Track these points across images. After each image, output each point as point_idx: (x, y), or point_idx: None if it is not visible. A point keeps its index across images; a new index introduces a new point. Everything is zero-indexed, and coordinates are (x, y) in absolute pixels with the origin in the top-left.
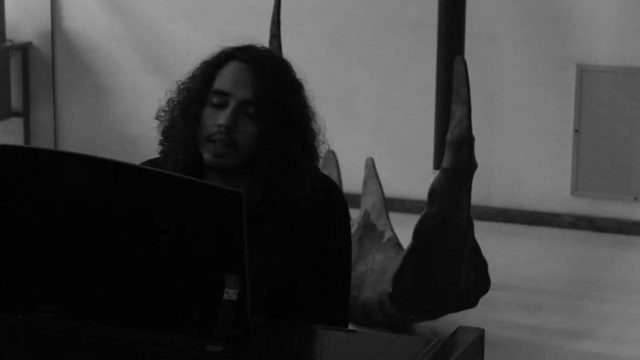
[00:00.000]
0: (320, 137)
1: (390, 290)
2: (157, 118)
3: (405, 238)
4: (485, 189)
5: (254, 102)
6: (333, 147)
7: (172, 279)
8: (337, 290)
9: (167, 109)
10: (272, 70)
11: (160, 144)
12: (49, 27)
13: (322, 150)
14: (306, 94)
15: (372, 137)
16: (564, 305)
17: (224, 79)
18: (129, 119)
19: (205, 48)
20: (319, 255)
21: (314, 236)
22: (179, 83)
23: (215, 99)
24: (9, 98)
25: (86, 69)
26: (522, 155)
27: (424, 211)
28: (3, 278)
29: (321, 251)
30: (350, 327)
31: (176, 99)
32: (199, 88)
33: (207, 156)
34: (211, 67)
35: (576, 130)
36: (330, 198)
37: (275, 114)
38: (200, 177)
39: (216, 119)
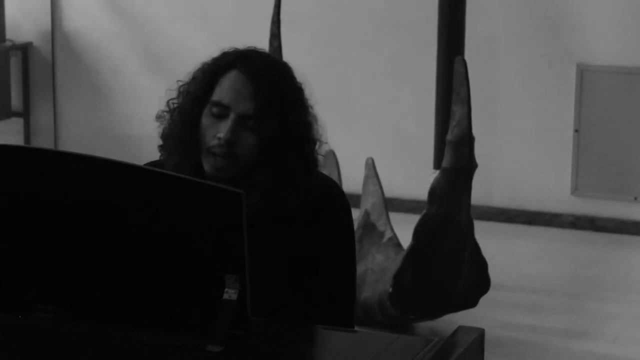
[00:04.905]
0: (322, 141)
1: (390, 290)
2: (157, 119)
3: (405, 238)
4: (485, 189)
5: (254, 116)
6: (333, 147)
7: (172, 279)
8: (342, 296)
9: (166, 110)
10: (273, 82)
11: (160, 147)
12: (49, 27)
13: (323, 149)
14: (307, 97)
15: (372, 137)
16: (564, 305)
17: (224, 91)
18: (129, 119)
19: (205, 48)
20: (324, 259)
21: (317, 240)
22: (179, 84)
23: (214, 110)
24: (9, 98)
25: (86, 69)
26: (522, 155)
27: (424, 211)
28: (3, 278)
29: (326, 255)
30: None
31: (175, 102)
32: (198, 95)
33: (207, 167)
34: (211, 75)
35: (576, 130)
36: (333, 201)
37: (274, 125)
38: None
39: (216, 131)
